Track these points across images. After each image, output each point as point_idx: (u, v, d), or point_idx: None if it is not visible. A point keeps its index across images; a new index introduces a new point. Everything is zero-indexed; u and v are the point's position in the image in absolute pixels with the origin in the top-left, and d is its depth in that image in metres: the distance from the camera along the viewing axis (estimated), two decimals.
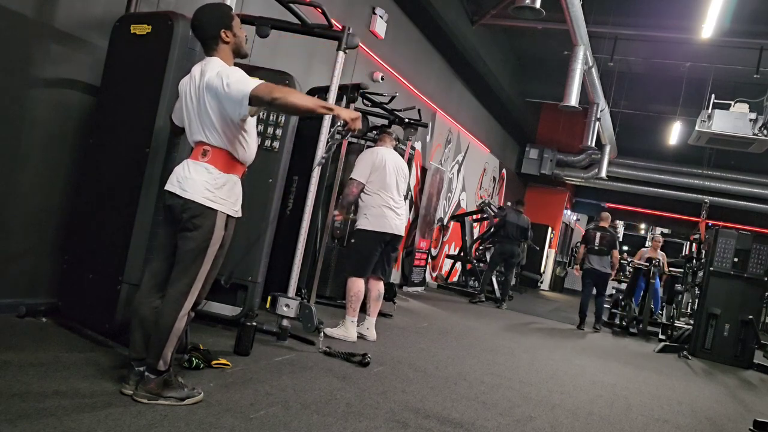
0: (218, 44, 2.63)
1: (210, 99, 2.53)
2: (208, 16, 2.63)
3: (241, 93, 2.46)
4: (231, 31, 2.64)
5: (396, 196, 4.65)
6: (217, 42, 2.63)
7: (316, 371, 3.48)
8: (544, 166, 15.36)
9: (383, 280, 4.77)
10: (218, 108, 2.53)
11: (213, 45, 2.64)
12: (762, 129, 9.26)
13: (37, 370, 2.62)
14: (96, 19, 3.68)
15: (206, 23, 2.62)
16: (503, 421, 3.22)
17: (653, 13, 9.42)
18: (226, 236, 2.65)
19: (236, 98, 2.47)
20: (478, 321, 7.25)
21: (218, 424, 2.41)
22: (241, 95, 2.46)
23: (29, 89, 3.41)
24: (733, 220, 14.46)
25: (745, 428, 4.17)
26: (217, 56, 2.63)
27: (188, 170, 2.57)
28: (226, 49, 2.65)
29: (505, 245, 9.33)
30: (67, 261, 3.45)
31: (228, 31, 2.63)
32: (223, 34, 2.62)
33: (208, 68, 2.57)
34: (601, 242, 8.37)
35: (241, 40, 2.69)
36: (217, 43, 2.63)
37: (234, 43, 2.66)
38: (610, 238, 8.39)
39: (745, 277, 7.42)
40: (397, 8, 7.84)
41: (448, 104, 10.29)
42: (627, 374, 5.43)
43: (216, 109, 2.53)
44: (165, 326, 2.53)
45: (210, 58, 2.63)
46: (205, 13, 2.64)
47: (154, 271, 2.67)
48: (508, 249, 9.32)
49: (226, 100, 2.50)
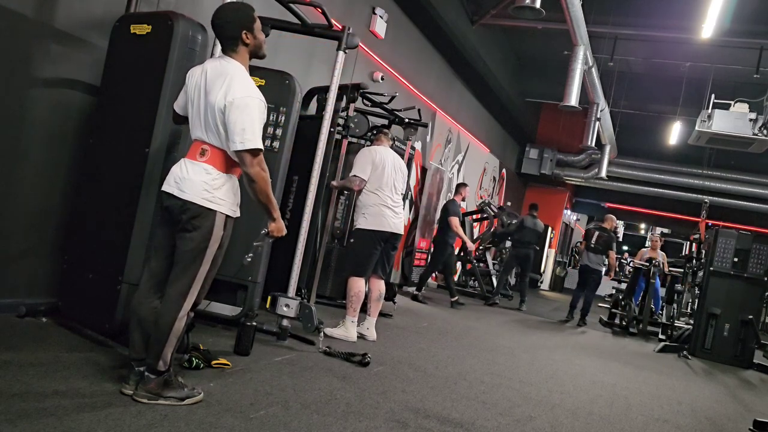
0: (238, 45, 2.61)
1: (217, 110, 2.51)
2: (231, 16, 2.60)
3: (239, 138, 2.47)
4: (252, 33, 2.62)
5: (394, 195, 4.65)
6: (237, 43, 2.60)
7: (316, 371, 3.48)
8: (544, 166, 15.36)
9: (384, 279, 4.77)
10: (222, 122, 2.52)
11: (233, 45, 2.61)
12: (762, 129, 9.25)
13: (37, 370, 2.62)
14: (96, 19, 3.68)
15: (228, 23, 2.59)
16: (503, 420, 3.22)
17: (653, 13, 9.42)
18: (225, 236, 2.64)
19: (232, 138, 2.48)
20: (478, 321, 7.25)
21: (218, 424, 2.41)
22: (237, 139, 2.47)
23: (29, 89, 3.41)
24: (733, 220, 14.46)
25: (745, 428, 4.17)
26: (236, 58, 2.60)
27: (186, 171, 2.56)
28: (245, 51, 2.63)
29: (520, 249, 9.65)
30: (67, 261, 3.45)
31: (249, 33, 2.61)
32: (244, 36, 2.60)
33: (222, 76, 2.53)
34: (597, 241, 8.68)
35: (260, 42, 2.67)
36: (237, 44, 2.61)
37: (253, 45, 2.64)
38: (606, 239, 8.65)
39: (745, 277, 7.42)
40: (397, 8, 7.84)
41: (448, 104, 10.29)
42: (627, 374, 5.43)
43: (221, 121, 2.52)
44: (164, 327, 2.52)
45: (229, 61, 2.60)
46: (228, 12, 2.61)
47: (152, 271, 2.66)
48: (523, 252, 9.62)
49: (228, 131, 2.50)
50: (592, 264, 8.71)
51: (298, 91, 4.09)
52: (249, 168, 2.50)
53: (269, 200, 2.62)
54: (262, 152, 2.53)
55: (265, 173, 2.54)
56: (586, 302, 8.81)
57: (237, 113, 2.47)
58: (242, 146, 2.47)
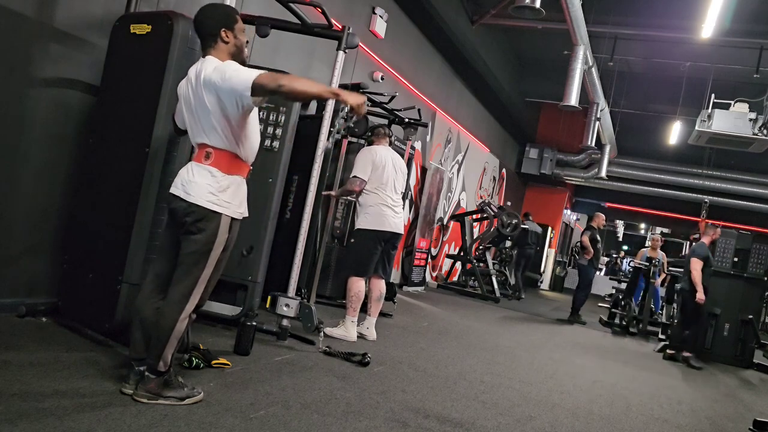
0: (216, 42, 2.60)
1: (209, 96, 2.49)
2: (211, 13, 2.61)
3: (243, 83, 2.43)
4: (232, 32, 2.61)
5: (394, 195, 4.64)
6: (215, 40, 2.59)
7: (316, 371, 3.48)
8: (544, 166, 15.36)
9: (384, 279, 4.77)
10: (218, 105, 2.49)
11: (211, 43, 2.60)
12: (762, 129, 9.25)
13: (37, 370, 2.62)
14: (96, 18, 3.68)
15: (207, 20, 2.60)
16: (503, 420, 3.22)
17: (653, 12, 9.42)
18: (230, 239, 2.63)
19: (238, 88, 2.44)
20: (478, 321, 7.25)
21: (218, 424, 2.41)
22: (243, 85, 2.42)
23: (29, 89, 3.41)
24: (733, 220, 14.46)
25: (745, 428, 4.17)
26: (213, 55, 2.59)
27: (192, 173, 2.56)
28: (224, 49, 2.61)
29: (525, 249, 11.54)
30: (67, 261, 3.45)
31: (229, 31, 2.60)
32: (222, 33, 2.59)
33: (203, 67, 2.54)
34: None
35: (241, 43, 2.65)
36: (216, 41, 2.60)
37: (233, 44, 2.62)
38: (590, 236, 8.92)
39: (745, 277, 7.42)
40: (397, 8, 7.84)
41: (448, 104, 10.29)
42: (627, 374, 5.43)
43: (216, 106, 2.49)
44: (166, 327, 2.52)
45: (206, 57, 2.59)
46: (209, 9, 2.63)
47: (156, 272, 2.66)
48: (527, 252, 11.60)
49: (227, 92, 2.46)
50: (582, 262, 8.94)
51: None
52: (273, 85, 2.41)
53: (314, 91, 2.53)
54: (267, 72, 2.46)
55: (283, 79, 2.44)
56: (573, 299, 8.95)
57: (222, 72, 2.46)
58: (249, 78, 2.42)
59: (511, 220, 10.56)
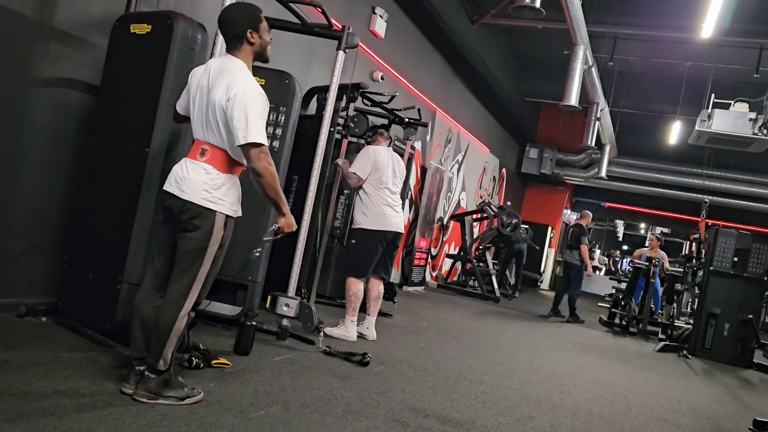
0: (242, 44, 2.61)
1: (218, 109, 2.51)
2: (238, 14, 2.62)
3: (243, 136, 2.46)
4: (257, 33, 2.63)
5: (393, 195, 4.65)
6: (241, 41, 2.61)
7: (316, 371, 3.48)
8: (544, 166, 15.36)
9: (385, 279, 4.77)
10: (224, 121, 2.52)
11: (237, 44, 2.62)
12: (762, 128, 9.25)
13: (37, 369, 2.62)
14: (96, 18, 3.68)
15: (234, 21, 2.60)
16: (503, 420, 3.22)
17: (653, 12, 9.42)
18: (226, 236, 2.64)
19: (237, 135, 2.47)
20: (478, 321, 7.25)
21: (218, 424, 2.41)
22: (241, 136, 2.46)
23: (29, 89, 3.41)
24: (733, 219, 14.46)
25: (745, 428, 4.17)
26: (239, 57, 2.61)
27: (186, 170, 2.56)
28: (249, 50, 2.63)
29: (514, 246, 11.22)
30: (67, 261, 3.46)
31: (255, 32, 2.62)
32: (249, 35, 2.60)
33: (225, 74, 2.53)
34: (571, 237, 9.02)
35: (265, 43, 2.67)
36: (242, 43, 2.61)
37: (258, 45, 2.64)
38: (577, 234, 8.90)
39: (745, 277, 7.42)
40: (397, 8, 7.84)
41: (448, 104, 10.29)
42: (627, 374, 5.43)
43: (222, 120, 2.52)
44: (165, 326, 2.52)
45: (231, 59, 2.61)
46: (235, 10, 2.64)
47: (155, 270, 2.67)
48: (516, 248, 11.27)
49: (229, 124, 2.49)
50: (569, 259, 8.97)
51: (298, 91, 4.09)
52: (255, 162, 2.49)
53: (278, 195, 2.60)
54: (266, 146, 2.52)
55: (271, 167, 2.53)
56: (570, 297, 8.95)
57: (239, 108, 2.47)
58: (245, 140, 2.47)
59: (511, 220, 10.57)
